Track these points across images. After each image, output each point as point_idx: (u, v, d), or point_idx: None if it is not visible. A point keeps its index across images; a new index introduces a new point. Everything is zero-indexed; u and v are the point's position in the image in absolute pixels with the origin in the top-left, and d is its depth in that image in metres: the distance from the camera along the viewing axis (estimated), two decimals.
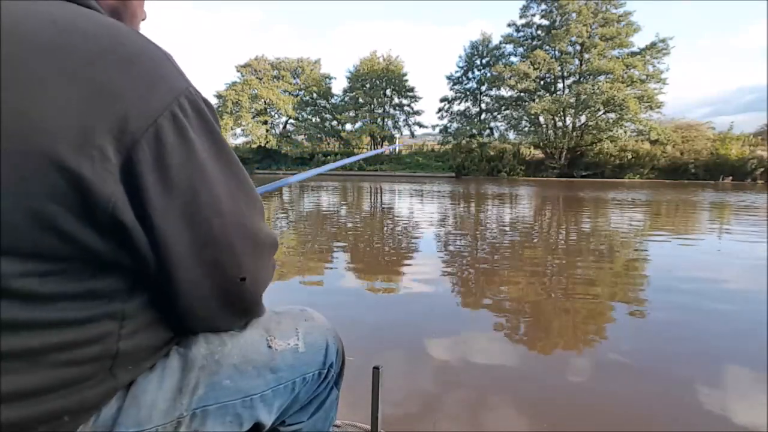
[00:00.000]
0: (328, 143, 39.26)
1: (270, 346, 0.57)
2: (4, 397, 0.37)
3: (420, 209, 9.34)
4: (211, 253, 0.46)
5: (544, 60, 28.81)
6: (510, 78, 29.34)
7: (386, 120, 36.34)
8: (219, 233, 0.46)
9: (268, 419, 0.56)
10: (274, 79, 37.60)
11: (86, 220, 0.38)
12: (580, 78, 29.05)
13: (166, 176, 0.41)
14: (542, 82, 30.39)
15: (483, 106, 33.72)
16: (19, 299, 0.37)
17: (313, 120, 38.73)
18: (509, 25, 31.51)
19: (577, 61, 29.47)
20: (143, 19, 0.60)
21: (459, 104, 34.80)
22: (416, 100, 36.74)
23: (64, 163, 0.36)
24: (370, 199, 11.73)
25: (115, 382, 0.44)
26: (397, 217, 8.02)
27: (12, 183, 0.35)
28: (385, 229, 6.51)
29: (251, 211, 0.50)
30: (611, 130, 27.51)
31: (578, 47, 28.85)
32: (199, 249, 0.45)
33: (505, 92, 31.75)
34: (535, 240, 5.57)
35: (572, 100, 28.02)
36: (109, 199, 0.39)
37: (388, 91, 36.01)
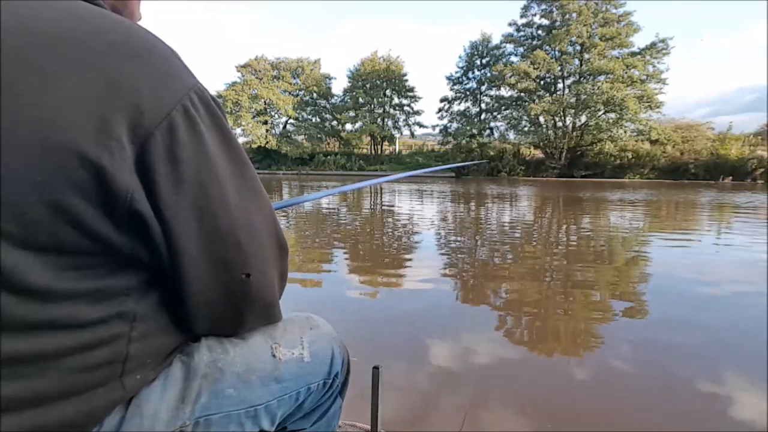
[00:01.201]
0: (328, 143, 39.19)
1: (274, 355, 0.57)
2: (9, 403, 0.36)
3: (420, 209, 9.34)
4: (218, 250, 0.46)
5: (544, 60, 28.76)
6: (510, 77, 29.30)
7: (386, 120, 36.28)
8: (226, 230, 0.45)
9: (270, 427, 0.56)
10: (274, 79, 37.48)
11: (106, 212, 0.38)
12: (580, 78, 29.00)
13: (177, 170, 0.42)
14: (542, 82, 30.35)
15: (483, 106, 33.66)
16: (34, 296, 0.36)
17: (313, 120, 38.62)
18: (510, 25, 31.44)
19: (577, 61, 29.40)
20: (138, 20, 0.60)
21: (459, 104, 34.74)
22: (416, 100, 36.68)
23: (85, 154, 0.36)
24: (371, 198, 11.72)
25: (123, 392, 0.44)
26: (398, 217, 8.02)
27: (33, 175, 0.35)
28: (385, 229, 6.51)
29: (259, 209, 0.49)
30: (611, 130, 27.48)
31: (578, 47, 28.79)
32: (206, 245, 0.45)
33: (505, 92, 31.73)
34: (535, 242, 5.57)
35: (572, 100, 27.99)
36: (127, 191, 0.39)
37: (388, 91, 35.93)
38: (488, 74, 32.15)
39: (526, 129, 31.34)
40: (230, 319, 0.52)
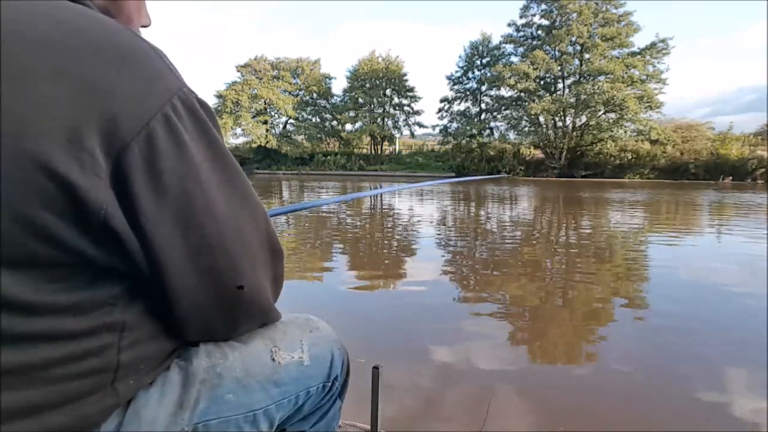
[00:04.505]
0: (328, 143, 39.20)
1: (274, 359, 0.56)
2: (3, 414, 0.35)
3: (420, 209, 9.33)
4: (207, 260, 0.44)
5: (544, 60, 28.79)
6: (510, 78, 29.32)
7: (386, 120, 36.30)
8: (214, 239, 0.44)
9: (269, 430, 0.55)
10: (274, 79, 37.48)
11: (79, 227, 0.37)
12: (580, 78, 29.04)
13: (158, 182, 0.40)
14: (542, 82, 30.37)
15: (483, 106, 33.72)
16: (15, 311, 0.36)
17: (313, 120, 38.65)
18: (509, 25, 31.51)
19: (577, 61, 29.44)
20: (147, 26, 0.57)
21: (459, 104, 34.82)
22: (416, 100, 36.73)
23: (53, 167, 0.34)
24: (370, 199, 11.71)
25: (117, 397, 0.43)
26: (398, 217, 8.02)
27: (2, 188, 0.33)
28: (386, 229, 6.51)
29: (249, 215, 0.48)
30: (611, 130, 27.52)
31: (578, 47, 28.83)
32: (193, 256, 0.43)
33: (505, 92, 31.77)
34: (535, 242, 5.57)
35: (572, 100, 28.02)
36: (101, 206, 0.37)
37: (388, 91, 35.96)
38: (488, 74, 32.18)
39: (526, 129, 31.38)
40: (222, 325, 0.51)
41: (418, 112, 36.67)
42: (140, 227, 0.40)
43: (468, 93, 34.25)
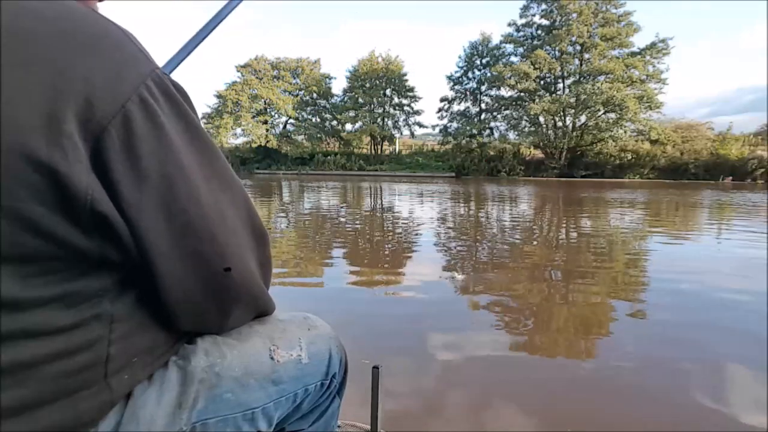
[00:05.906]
0: (328, 143, 39.19)
1: (272, 357, 0.56)
2: None
3: (420, 209, 9.33)
4: (192, 245, 0.44)
5: (545, 60, 28.81)
6: (510, 78, 29.34)
7: (386, 120, 36.29)
8: (198, 224, 0.44)
9: (268, 428, 0.55)
10: (274, 79, 37.43)
11: (67, 216, 0.36)
12: (580, 78, 29.05)
13: (137, 166, 0.39)
14: (542, 82, 30.39)
15: (483, 106, 33.72)
16: (3, 307, 0.35)
17: (313, 120, 38.62)
18: (509, 25, 31.54)
19: (577, 61, 29.47)
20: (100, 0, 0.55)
21: (459, 104, 34.82)
22: (416, 100, 36.71)
23: (36, 156, 0.34)
24: (371, 199, 11.72)
25: (111, 393, 0.42)
26: (398, 217, 8.01)
27: None
28: (386, 229, 6.51)
29: (230, 199, 0.48)
30: (611, 130, 27.54)
31: (578, 47, 28.85)
32: (178, 240, 0.43)
33: (505, 92, 31.78)
34: (535, 241, 5.56)
35: (572, 100, 28.03)
36: (86, 192, 0.36)
37: (388, 91, 35.95)
38: (488, 74, 32.19)
39: (526, 129, 31.40)
40: (214, 312, 0.50)
41: (418, 112, 36.68)
42: (123, 212, 0.39)
43: (468, 93, 34.25)
